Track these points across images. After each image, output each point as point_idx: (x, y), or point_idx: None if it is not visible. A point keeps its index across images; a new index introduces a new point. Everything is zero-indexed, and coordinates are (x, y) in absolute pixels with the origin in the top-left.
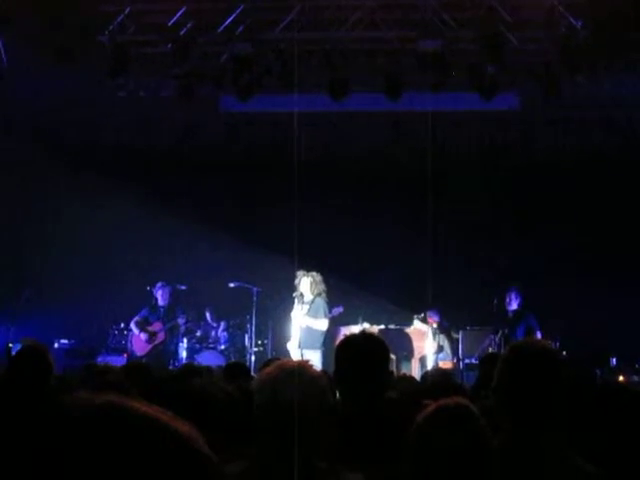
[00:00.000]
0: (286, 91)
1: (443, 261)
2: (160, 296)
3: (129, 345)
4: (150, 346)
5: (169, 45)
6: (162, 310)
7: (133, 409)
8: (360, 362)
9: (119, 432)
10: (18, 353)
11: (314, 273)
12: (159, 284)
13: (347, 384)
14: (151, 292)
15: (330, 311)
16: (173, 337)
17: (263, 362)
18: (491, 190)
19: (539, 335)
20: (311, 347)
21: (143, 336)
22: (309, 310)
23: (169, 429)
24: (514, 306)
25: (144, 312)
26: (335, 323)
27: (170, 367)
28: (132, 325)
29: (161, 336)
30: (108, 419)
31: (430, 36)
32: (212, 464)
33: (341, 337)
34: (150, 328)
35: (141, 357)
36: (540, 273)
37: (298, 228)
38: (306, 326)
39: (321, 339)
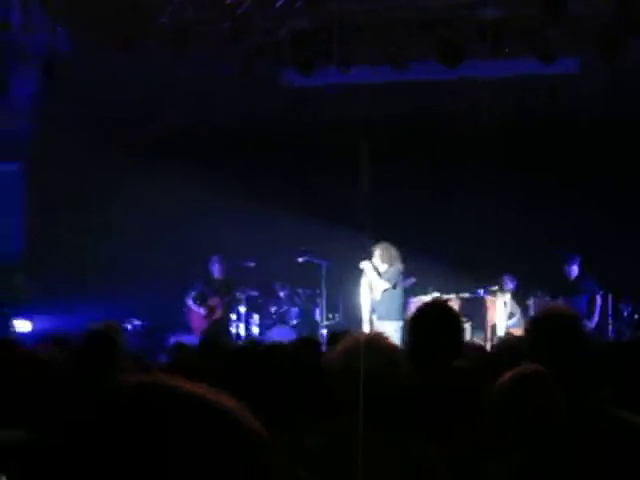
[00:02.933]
0: (347, 63)
1: (511, 228)
2: (215, 269)
3: (189, 322)
4: (208, 322)
5: (228, 23)
6: (217, 284)
7: (178, 387)
8: (432, 333)
9: (164, 411)
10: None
11: (387, 244)
12: (214, 257)
13: (419, 355)
14: (207, 266)
15: (403, 281)
16: (231, 312)
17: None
18: (554, 156)
19: (599, 299)
20: (389, 318)
21: (202, 311)
22: (385, 280)
23: (216, 406)
24: (575, 273)
25: (199, 286)
26: (406, 294)
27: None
28: (189, 301)
29: (219, 311)
30: (152, 399)
31: (490, 4)
32: (262, 439)
33: (412, 308)
34: (209, 303)
35: (201, 333)
36: (612, 234)
37: (364, 199)
38: (382, 297)
39: (400, 309)
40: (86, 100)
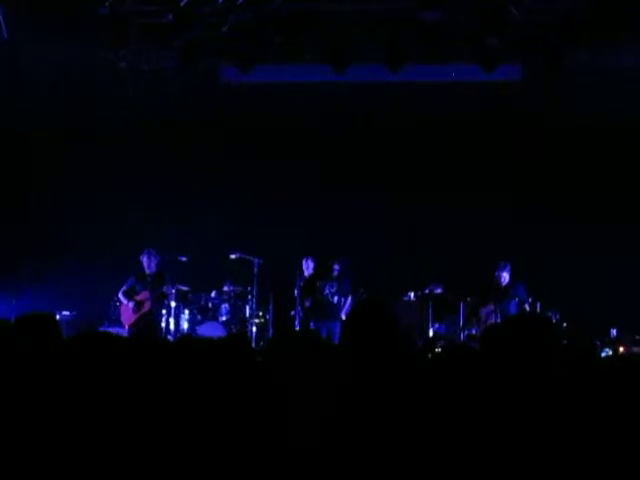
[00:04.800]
0: (287, 62)
1: (442, 234)
2: (146, 263)
3: (119, 315)
4: (137, 315)
5: (170, 16)
6: (149, 278)
7: None
8: (367, 332)
9: None
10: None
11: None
12: (146, 251)
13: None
14: (139, 260)
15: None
16: (162, 306)
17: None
18: (492, 161)
19: (527, 307)
20: (326, 319)
21: (131, 305)
22: (332, 285)
23: None
24: (506, 280)
25: (131, 281)
26: (340, 295)
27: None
28: (120, 295)
29: (148, 305)
30: None
31: (430, 7)
32: None
33: (346, 308)
34: (138, 297)
35: (129, 327)
36: (541, 244)
37: (299, 199)
38: (319, 299)
39: (335, 310)
40: (25, 88)
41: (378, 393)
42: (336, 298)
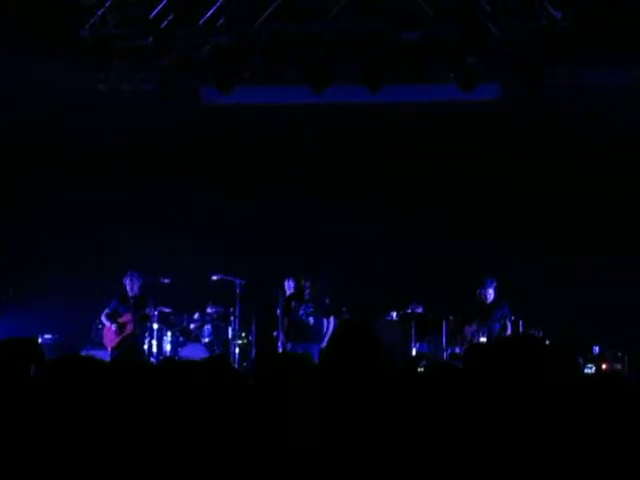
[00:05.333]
0: (266, 83)
1: (424, 252)
2: (128, 286)
3: (102, 338)
4: (119, 338)
5: (150, 38)
6: (132, 301)
7: None
8: (350, 352)
9: None
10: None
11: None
12: (129, 274)
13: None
14: (122, 283)
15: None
16: (144, 328)
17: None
18: (472, 179)
19: (509, 325)
20: (302, 340)
21: (113, 327)
22: (307, 306)
23: None
24: (491, 296)
25: (113, 304)
26: (320, 315)
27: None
28: (103, 318)
29: (130, 327)
30: None
31: (410, 27)
32: None
33: (327, 328)
34: (120, 319)
35: (112, 349)
36: (522, 262)
37: (281, 220)
38: (295, 320)
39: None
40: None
41: (362, 413)
42: (312, 319)
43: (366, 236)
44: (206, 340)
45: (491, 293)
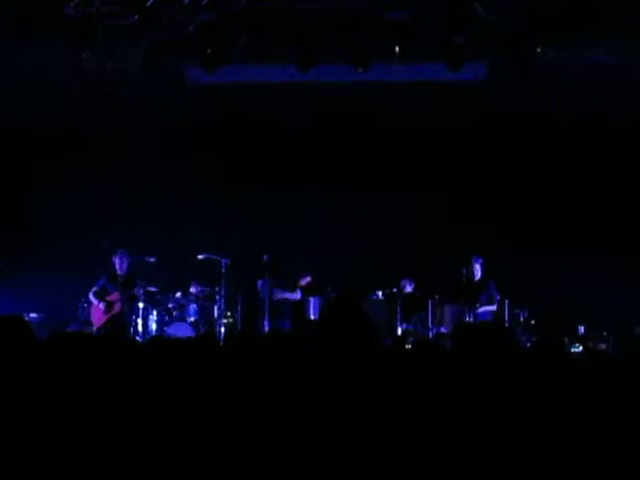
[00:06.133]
0: (252, 62)
1: (413, 231)
2: (117, 264)
3: (89, 316)
4: (107, 317)
5: (135, 16)
6: (120, 279)
7: None
8: (341, 330)
9: None
10: None
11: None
12: (117, 252)
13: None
14: (112, 261)
15: (299, 281)
16: (131, 308)
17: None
18: (460, 159)
19: (497, 301)
20: (278, 320)
21: (102, 306)
22: (280, 282)
23: None
24: (478, 275)
25: (102, 281)
26: (305, 294)
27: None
28: (90, 296)
29: (118, 306)
30: None
31: (397, 7)
32: None
33: (311, 307)
34: (108, 298)
35: (99, 328)
36: (508, 241)
37: (267, 199)
38: (279, 298)
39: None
40: None
41: (353, 391)
42: (277, 296)
43: (352, 214)
44: (192, 319)
45: (478, 269)
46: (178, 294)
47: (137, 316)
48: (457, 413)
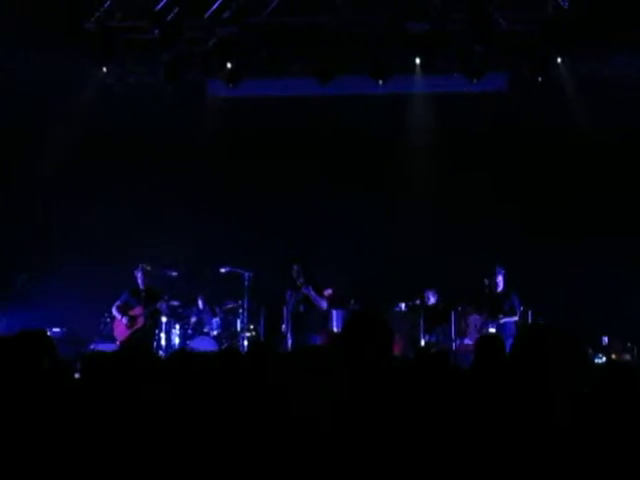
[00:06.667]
0: (273, 75)
1: (434, 242)
2: (140, 279)
3: (112, 330)
4: (130, 331)
5: (156, 31)
6: (143, 294)
7: None
8: (364, 341)
9: None
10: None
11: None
12: (139, 267)
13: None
14: (134, 275)
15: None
16: (155, 322)
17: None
18: (482, 170)
19: (519, 311)
20: (306, 331)
21: (125, 320)
22: (298, 294)
23: None
24: (501, 286)
25: (125, 296)
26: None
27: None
28: (114, 310)
29: (141, 321)
30: None
31: (417, 18)
32: None
33: (334, 320)
34: (131, 312)
35: (122, 342)
36: (531, 252)
37: (288, 212)
38: (294, 311)
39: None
40: (10, 100)
41: (376, 402)
42: (302, 307)
43: (375, 226)
44: (215, 333)
45: (500, 281)
46: (204, 307)
47: (160, 330)
48: (479, 425)
